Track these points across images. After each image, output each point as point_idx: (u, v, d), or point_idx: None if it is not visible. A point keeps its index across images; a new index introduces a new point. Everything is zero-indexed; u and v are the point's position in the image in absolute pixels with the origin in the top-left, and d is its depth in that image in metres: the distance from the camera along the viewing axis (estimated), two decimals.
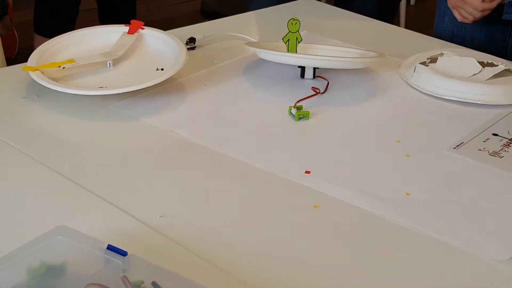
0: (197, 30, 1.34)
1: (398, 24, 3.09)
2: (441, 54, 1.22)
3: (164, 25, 1.38)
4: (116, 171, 0.92)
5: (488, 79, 1.16)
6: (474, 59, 1.19)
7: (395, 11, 1.67)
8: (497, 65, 1.19)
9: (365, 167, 0.96)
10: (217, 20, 1.49)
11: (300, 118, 1.05)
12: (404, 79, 1.20)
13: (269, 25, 1.45)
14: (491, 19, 1.39)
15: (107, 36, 1.18)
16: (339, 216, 0.86)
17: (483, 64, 1.19)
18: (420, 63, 1.20)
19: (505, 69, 1.19)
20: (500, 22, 1.39)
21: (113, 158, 0.95)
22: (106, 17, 2.64)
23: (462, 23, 1.42)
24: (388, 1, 1.62)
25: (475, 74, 1.17)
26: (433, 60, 1.21)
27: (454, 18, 1.43)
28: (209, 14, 3.40)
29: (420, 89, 1.16)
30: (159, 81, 1.06)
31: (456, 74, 1.17)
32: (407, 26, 3.04)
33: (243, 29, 1.38)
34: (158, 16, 3.40)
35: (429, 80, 1.16)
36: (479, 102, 1.12)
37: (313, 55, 1.19)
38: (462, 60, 1.20)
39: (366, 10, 1.53)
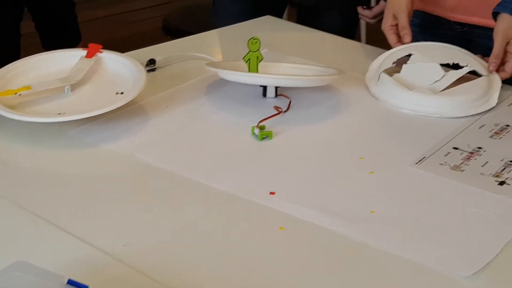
0: (157, 50, 1.33)
1: (359, 36, 3.12)
2: (408, 56, 1.22)
3: (126, 43, 1.37)
4: (77, 200, 0.90)
5: (448, 86, 1.16)
6: (438, 64, 1.19)
7: (357, 26, 1.68)
8: (462, 67, 1.19)
9: (329, 185, 0.95)
10: (178, 40, 1.49)
11: (263, 138, 1.05)
12: (368, 87, 1.20)
13: (231, 44, 1.45)
14: (449, 34, 1.41)
15: (64, 60, 1.16)
16: (305, 236, 0.86)
17: (448, 67, 1.20)
18: (384, 71, 1.20)
19: (470, 71, 1.19)
20: (458, 34, 1.42)
21: (74, 186, 0.94)
22: (49, 41, 2.48)
23: (423, 35, 1.44)
24: (350, 17, 1.64)
25: (437, 81, 1.18)
26: (399, 64, 1.21)
27: (414, 30, 1.45)
28: (171, 30, 3.39)
29: (382, 102, 1.17)
30: (119, 106, 1.04)
31: (418, 83, 1.17)
32: (368, 39, 3.07)
33: (204, 48, 1.38)
34: (119, 35, 3.38)
35: (391, 92, 1.17)
36: (435, 116, 1.13)
37: (274, 74, 1.19)
38: (426, 66, 1.19)
39: (330, 26, 1.53)
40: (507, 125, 1.13)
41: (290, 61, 1.30)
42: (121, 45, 1.22)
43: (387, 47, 1.31)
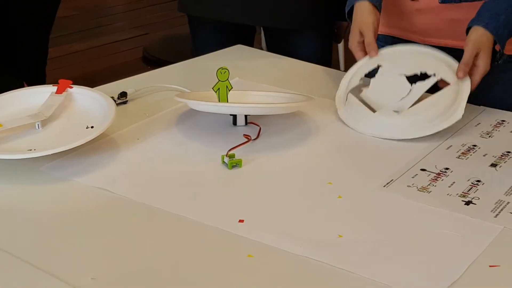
0: (131, 83, 1.35)
1: (338, 63, 3.15)
2: (377, 67, 1.25)
3: (106, 74, 1.38)
4: (49, 235, 0.91)
5: (414, 103, 1.18)
6: (405, 78, 1.20)
7: (331, 48, 1.70)
8: (430, 76, 1.20)
9: (298, 211, 0.97)
10: (152, 71, 1.51)
11: (233, 167, 1.06)
12: (337, 108, 1.23)
13: (204, 73, 1.46)
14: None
15: (35, 97, 1.17)
16: (273, 263, 0.86)
17: (416, 78, 1.21)
18: (352, 90, 1.22)
19: (439, 80, 1.20)
20: None
21: (46, 222, 0.94)
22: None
23: None
24: (323, 44, 1.66)
25: (403, 97, 1.20)
26: (368, 76, 1.24)
27: None
28: (151, 60, 3.42)
29: (349, 127, 1.19)
30: (89, 140, 1.05)
31: (385, 101, 1.19)
32: (346, 64, 3.11)
33: (178, 79, 1.39)
34: (99, 66, 3.40)
35: (356, 117, 1.19)
36: (401, 139, 1.15)
37: (243, 102, 1.21)
38: (393, 82, 1.21)
39: (301, 54, 1.55)
40: (474, 145, 1.15)
41: (260, 89, 1.32)
42: (101, 77, 1.23)
43: None
